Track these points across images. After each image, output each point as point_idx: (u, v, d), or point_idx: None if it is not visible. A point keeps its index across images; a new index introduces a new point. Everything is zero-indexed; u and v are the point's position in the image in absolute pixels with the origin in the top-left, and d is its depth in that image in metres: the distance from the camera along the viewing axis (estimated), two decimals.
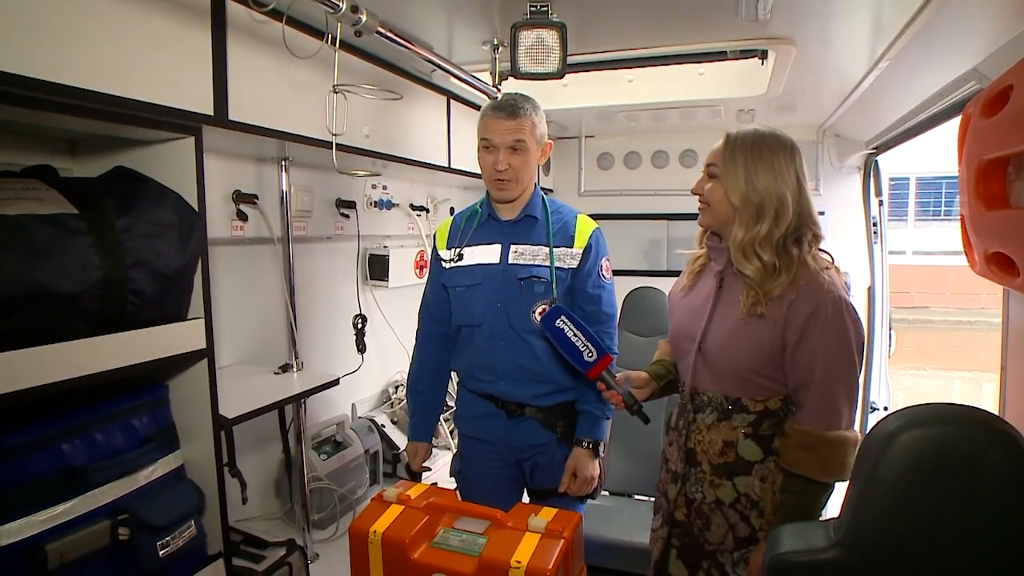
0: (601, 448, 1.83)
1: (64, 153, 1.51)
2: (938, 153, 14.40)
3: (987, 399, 8.89)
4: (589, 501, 1.92)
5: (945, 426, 0.96)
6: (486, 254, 1.84)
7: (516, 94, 1.79)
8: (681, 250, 1.67)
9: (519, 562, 1.39)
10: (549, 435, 1.84)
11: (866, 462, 1.00)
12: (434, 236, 1.96)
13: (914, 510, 0.95)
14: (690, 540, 1.52)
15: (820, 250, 1.43)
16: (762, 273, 1.36)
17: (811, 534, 1.08)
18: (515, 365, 1.81)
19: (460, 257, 1.86)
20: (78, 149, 1.53)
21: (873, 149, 3.11)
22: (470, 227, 1.88)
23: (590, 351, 1.53)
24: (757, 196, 1.37)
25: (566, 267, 1.81)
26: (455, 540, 1.52)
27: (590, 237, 1.83)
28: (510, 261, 1.81)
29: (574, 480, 1.80)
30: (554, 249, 1.80)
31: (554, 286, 1.78)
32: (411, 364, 2.02)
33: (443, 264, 1.89)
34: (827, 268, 1.38)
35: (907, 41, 1.63)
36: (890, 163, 3.37)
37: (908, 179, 16.98)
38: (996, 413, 1.29)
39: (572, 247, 1.82)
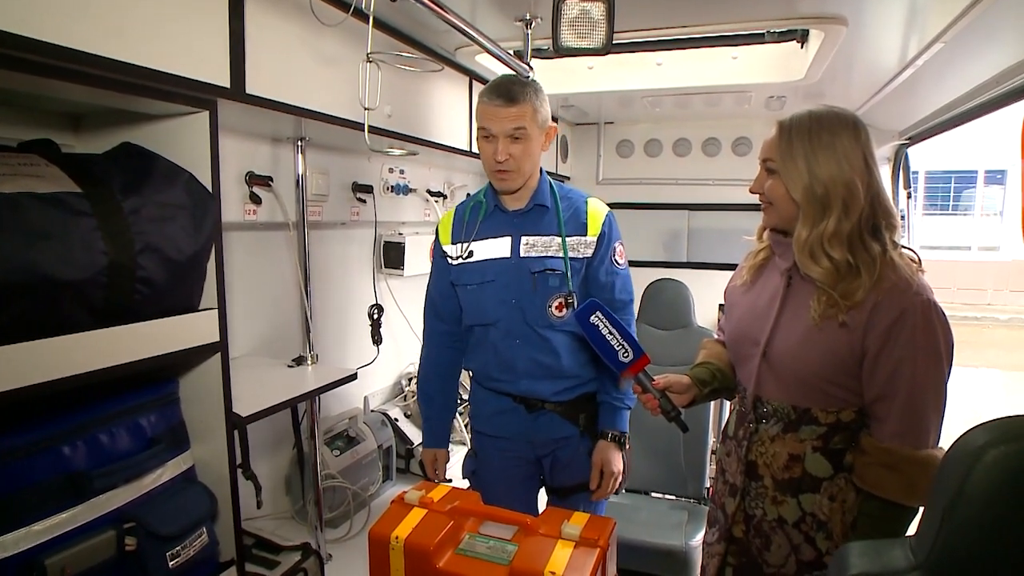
0: (626, 441, 1.77)
1: (66, 128, 1.40)
2: (948, 147, 14.40)
3: (996, 394, 8.81)
4: (612, 497, 1.85)
5: None
6: (496, 248, 1.74)
7: (514, 76, 1.68)
8: (747, 236, 1.53)
9: (553, 573, 1.31)
10: (571, 428, 1.78)
11: (950, 479, 0.90)
12: (436, 231, 1.84)
13: (1010, 533, 0.85)
14: (747, 560, 1.40)
15: (904, 247, 1.27)
16: (834, 274, 1.22)
17: (887, 554, 0.97)
18: (534, 363, 1.73)
19: (470, 253, 1.76)
20: (82, 124, 1.42)
21: (906, 140, 2.99)
22: (476, 219, 1.77)
23: (626, 351, 1.41)
24: (821, 187, 1.22)
25: (580, 256, 1.72)
26: (482, 547, 1.44)
27: (603, 223, 1.74)
28: (522, 254, 1.71)
29: (601, 476, 1.74)
30: (567, 238, 1.71)
31: (569, 277, 1.69)
32: (420, 365, 1.93)
33: (449, 261, 1.79)
34: (918, 270, 1.24)
35: (969, 21, 1.51)
36: None
37: (917, 173, 16.88)
38: None
39: (586, 235, 1.72)
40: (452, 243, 1.79)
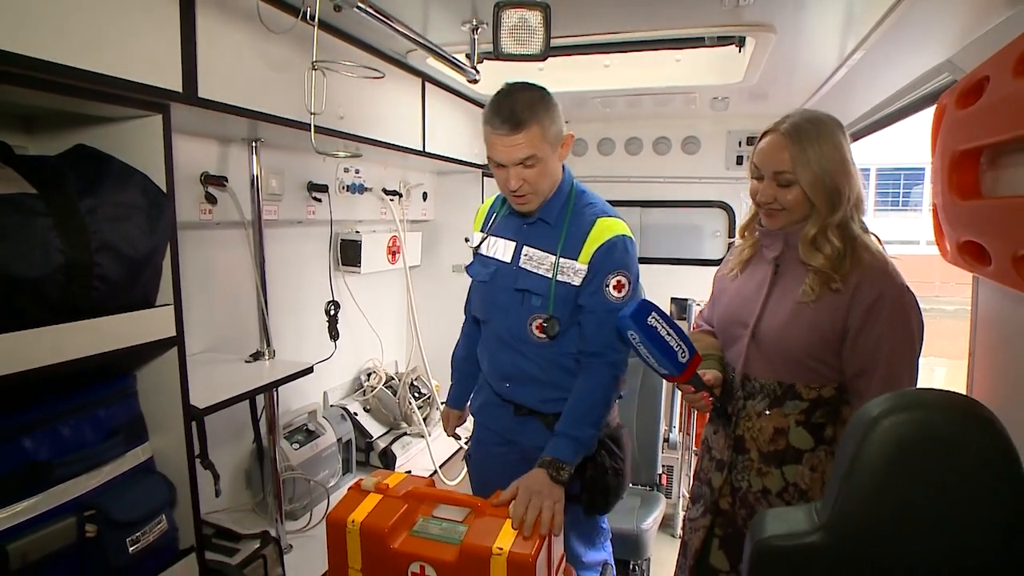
0: (566, 474, 1.51)
1: (19, 130, 1.42)
2: (898, 144, 14.82)
3: (939, 382, 9.16)
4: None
5: (927, 411, 0.96)
6: (503, 250, 1.71)
7: (517, 89, 1.54)
8: (732, 239, 1.65)
9: (501, 549, 1.37)
10: None
11: (849, 446, 1.00)
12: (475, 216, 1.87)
13: (896, 494, 0.95)
14: (734, 531, 1.50)
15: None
16: (832, 261, 1.34)
17: (794, 518, 1.07)
18: (516, 368, 1.70)
19: (481, 244, 1.76)
20: (35, 126, 1.44)
21: None
22: (499, 214, 1.76)
23: (683, 351, 1.38)
24: (832, 181, 1.35)
25: (569, 282, 1.60)
26: (435, 528, 1.50)
27: (597, 251, 1.58)
28: (520, 264, 1.67)
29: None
30: (560, 259, 1.60)
31: (551, 303, 1.61)
32: (459, 337, 1.98)
33: (471, 246, 1.79)
34: (894, 257, 1.38)
35: (883, 32, 1.63)
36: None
37: (869, 170, 17.39)
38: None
39: (576, 260, 1.59)
40: (480, 231, 1.79)
